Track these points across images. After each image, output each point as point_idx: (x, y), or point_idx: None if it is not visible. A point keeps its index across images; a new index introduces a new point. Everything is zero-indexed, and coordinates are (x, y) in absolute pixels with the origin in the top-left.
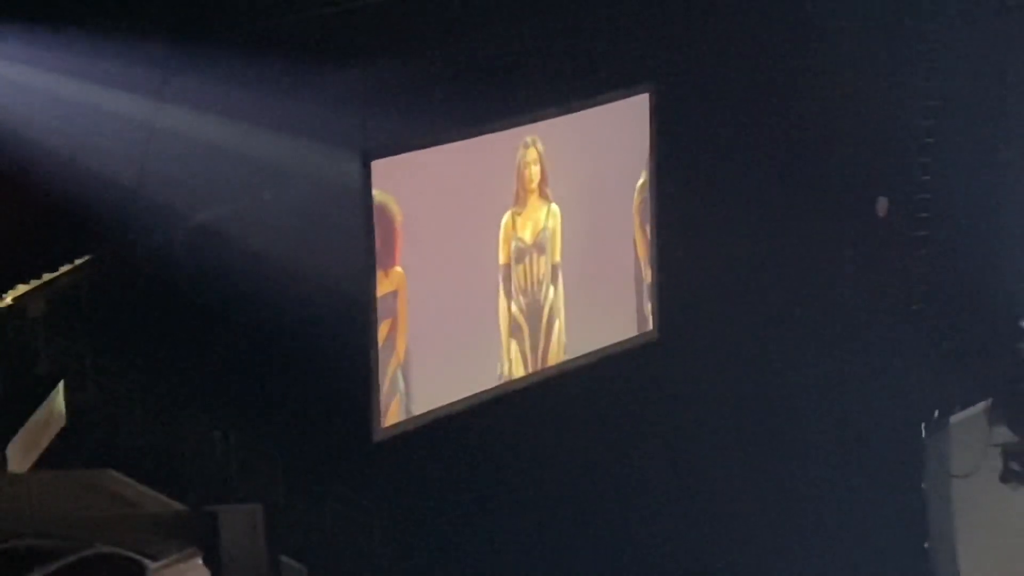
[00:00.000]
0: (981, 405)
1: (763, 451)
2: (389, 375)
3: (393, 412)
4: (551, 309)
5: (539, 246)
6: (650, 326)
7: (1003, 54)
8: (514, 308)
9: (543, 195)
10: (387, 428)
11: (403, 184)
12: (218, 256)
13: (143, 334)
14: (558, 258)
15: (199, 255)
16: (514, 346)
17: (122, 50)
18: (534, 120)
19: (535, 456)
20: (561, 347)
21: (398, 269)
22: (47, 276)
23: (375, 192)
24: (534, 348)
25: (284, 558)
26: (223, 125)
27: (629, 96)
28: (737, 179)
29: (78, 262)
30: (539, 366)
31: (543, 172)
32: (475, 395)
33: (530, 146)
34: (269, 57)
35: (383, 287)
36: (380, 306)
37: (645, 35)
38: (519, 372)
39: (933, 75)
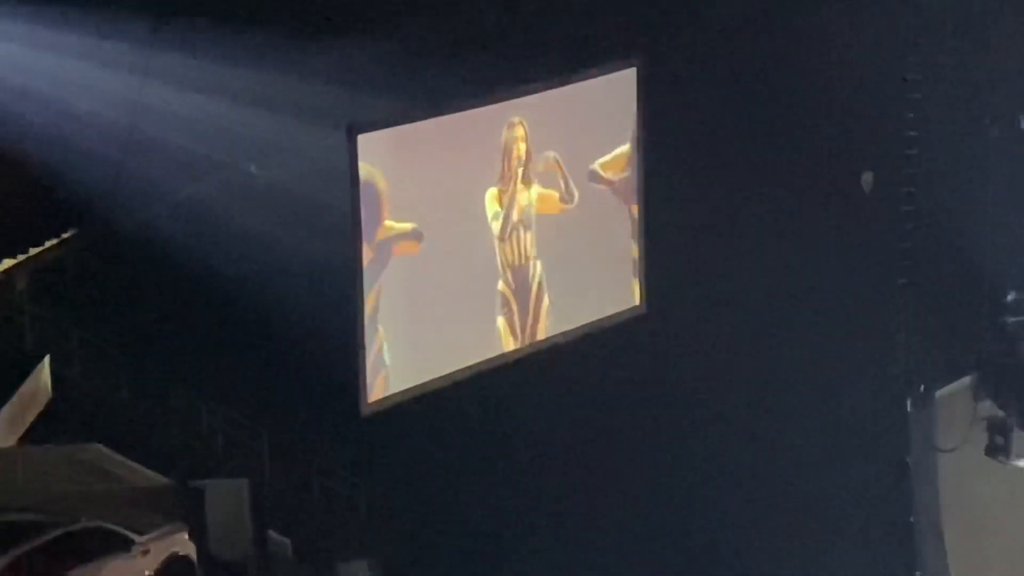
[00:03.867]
0: (966, 379)
1: (749, 424)
2: (376, 351)
3: (379, 386)
4: (539, 284)
5: (526, 223)
6: (636, 301)
7: (987, 29)
8: (501, 284)
9: (527, 174)
10: (374, 403)
11: (389, 157)
12: (204, 230)
13: (129, 308)
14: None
15: (185, 230)
16: (502, 321)
17: (107, 26)
18: (520, 95)
19: (522, 429)
20: (549, 321)
21: (388, 222)
22: (33, 250)
23: (360, 164)
24: (523, 322)
25: (270, 532)
26: (208, 101)
27: (615, 71)
28: (723, 153)
29: (64, 236)
30: (528, 340)
31: (528, 152)
32: (464, 369)
33: (516, 125)
34: (255, 32)
35: (368, 252)
36: (367, 274)
37: (630, 10)
38: (508, 346)
39: (919, 50)
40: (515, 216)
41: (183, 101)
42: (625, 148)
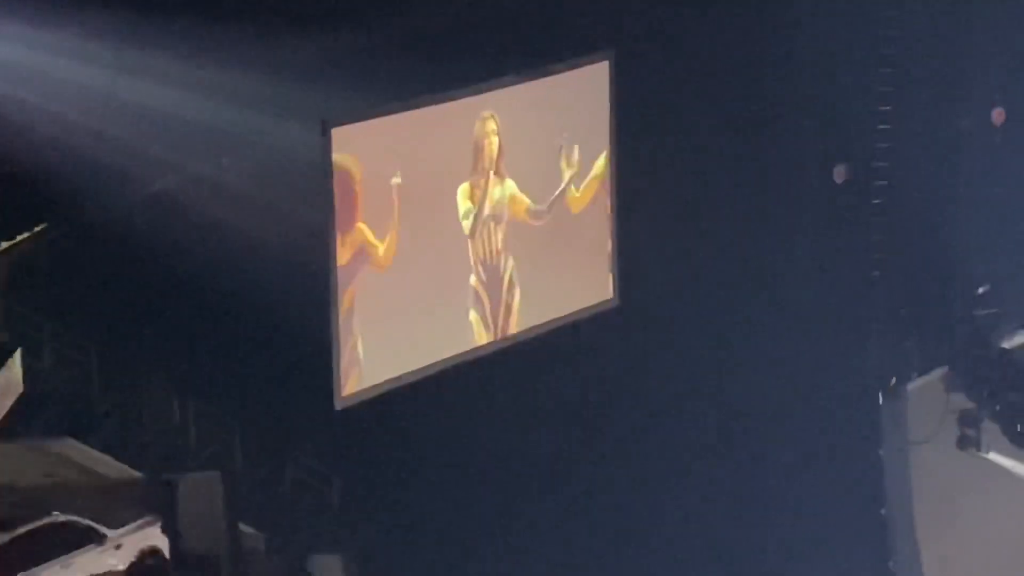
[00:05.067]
0: (938, 372)
1: (721, 417)
2: (351, 344)
3: (353, 380)
4: (510, 279)
5: (496, 217)
6: (610, 294)
7: (960, 23)
8: (473, 279)
9: (499, 168)
10: (348, 396)
11: (363, 150)
12: (177, 224)
13: (101, 302)
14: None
15: (157, 223)
16: (474, 315)
17: (80, 18)
18: (491, 88)
19: (497, 423)
20: (521, 316)
21: (360, 225)
22: (4, 244)
23: (336, 155)
24: (495, 317)
25: (243, 526)
26: (181, 93)
27: (588, 64)
28: (696, 146)
29: (36, 230)
30: (500, 334)
31: (501, 146)
32: (435, 363)
33: (488, 119)
34: (228, 25)
35: (344, 254)
36: (341, 275)
37: (603, 3)
38: (481, 340)
39: (891, 44)
40: (486, 212)
41: (156, 94)
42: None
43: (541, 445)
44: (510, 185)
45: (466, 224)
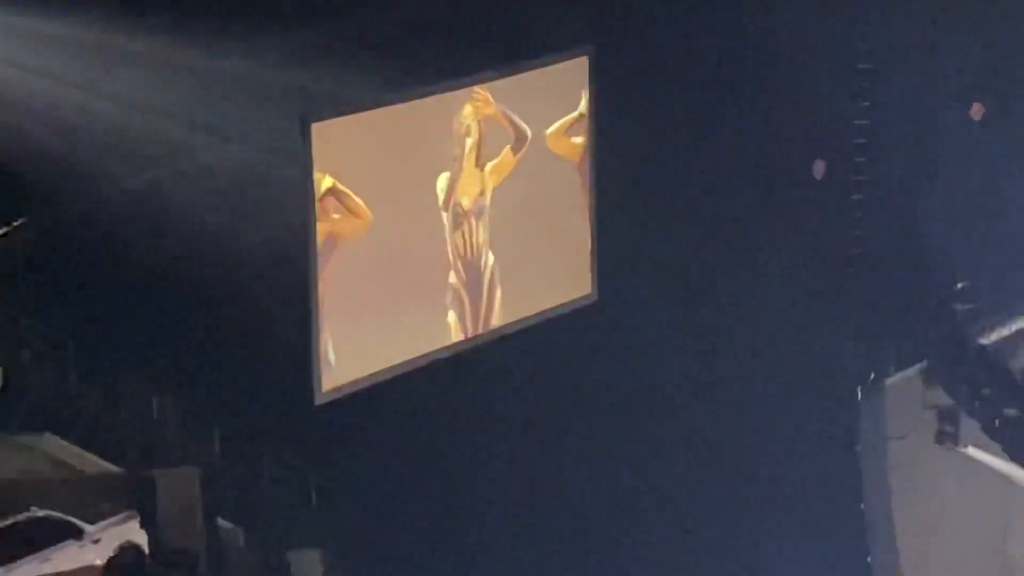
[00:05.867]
0: (916, 367)
1: (699, 413)
2: (328, 339)
3: (332, 376)
4: (492, 276)
5: (477, 212)
6: (589, 289)
7: (939, 18)
8: (453, 277)
9: (480, 163)
10: (327, 391)
11: (341, 147)
12: (155, 219)
13: (79, 297)
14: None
15: (135, 218)
16: (453, 311)
17: (57, 11)
18: (472, 83)
19: (474, 419)
20: (502, 312)
21: (335, 215)
22: None
23: (314, 151)
24: (475, 316)
25: (221, 521)
26: (160, 87)
27: (567, 59)
28: (676, 142)
29: (13, 224)
30: (479, 330)
31: (481, 139)
32: (413, 359)
33: (468, 114)
34: (208, 19)
35: (321, 231)
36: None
37: None
38: (459, 336)
39: (870, 38)
40: (466, 205)
41: (135, 88)
42: (574, 115)
43: (519, 441)
44: (489, 166)
45: (446, 218)
